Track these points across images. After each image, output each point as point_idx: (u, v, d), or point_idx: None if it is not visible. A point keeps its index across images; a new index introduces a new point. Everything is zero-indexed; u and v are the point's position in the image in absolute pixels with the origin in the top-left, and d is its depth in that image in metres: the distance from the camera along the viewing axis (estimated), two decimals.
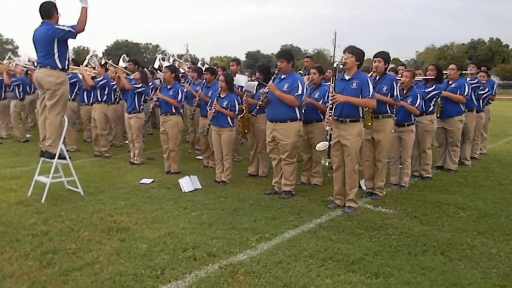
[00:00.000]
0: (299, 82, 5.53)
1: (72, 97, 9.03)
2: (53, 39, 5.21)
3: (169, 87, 6.95)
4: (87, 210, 5.07)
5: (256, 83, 6.17)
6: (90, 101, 8.87)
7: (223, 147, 6.40)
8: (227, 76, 6.46)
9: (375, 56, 5.73)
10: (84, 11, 5.28)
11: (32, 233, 4.31)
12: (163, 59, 10.72)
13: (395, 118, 6.24)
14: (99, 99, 8.49)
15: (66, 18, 5.37)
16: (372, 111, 5.58)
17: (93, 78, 8.44)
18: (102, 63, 8.54)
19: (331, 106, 4.98)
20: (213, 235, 4.36)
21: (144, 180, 6.50)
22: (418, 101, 6.24)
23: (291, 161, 5.67)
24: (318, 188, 6.30)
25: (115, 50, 64.26)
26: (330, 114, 4.98)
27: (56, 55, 5.26)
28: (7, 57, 12.10)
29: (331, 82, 5.14)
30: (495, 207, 5.45)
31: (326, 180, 6.48)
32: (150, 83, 9.29)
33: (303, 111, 5.78)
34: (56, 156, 5.50)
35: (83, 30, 5.29)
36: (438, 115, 7.48)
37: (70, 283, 3.33)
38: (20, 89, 10.24)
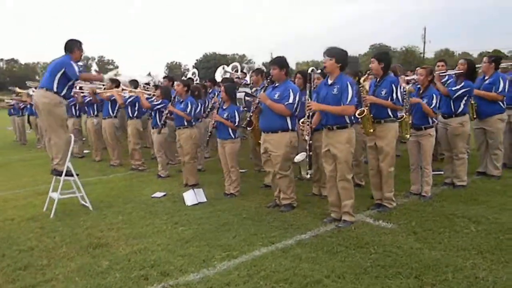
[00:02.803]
0: (290, 91, 5.27)
1: (114, 114, 9.57)
2: (62, 68, 5.64)
3: (181, 100, 7.03)
4: (84, 225, 5.28)
5: (243, 94, 6.02)
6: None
7: (228, 159, 6.32)
8: (227, 87, 6.36)
9: (372, 57, 5.31)
10: (98, 77, 6.11)
11: (20, 248, 4.58)
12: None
13: (410, 123, 5.74)
14: (131, 115, 8.87)
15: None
16: (373, 116, 5.18)
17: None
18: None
19: (307, 114, 4.67)
20: (182, 252, 4.29)
21: (156, 194, 6.63)
22: (434, 101, 5.63)
23: (284, 174, 5.40)
24: (327, 199, 5.93)
25: (204, 63, 67.35)
26: (308, 122, 4.68)
27: (57, 81, 5.61)
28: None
29: (306, 89, 4.83)
30: None
31: None
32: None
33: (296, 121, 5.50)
34: (63, 174, 5.82)
35: (80, 80, 6.08)
36: (474, 116, 6.71)
37: None
38: (77, 108, 11.12)
